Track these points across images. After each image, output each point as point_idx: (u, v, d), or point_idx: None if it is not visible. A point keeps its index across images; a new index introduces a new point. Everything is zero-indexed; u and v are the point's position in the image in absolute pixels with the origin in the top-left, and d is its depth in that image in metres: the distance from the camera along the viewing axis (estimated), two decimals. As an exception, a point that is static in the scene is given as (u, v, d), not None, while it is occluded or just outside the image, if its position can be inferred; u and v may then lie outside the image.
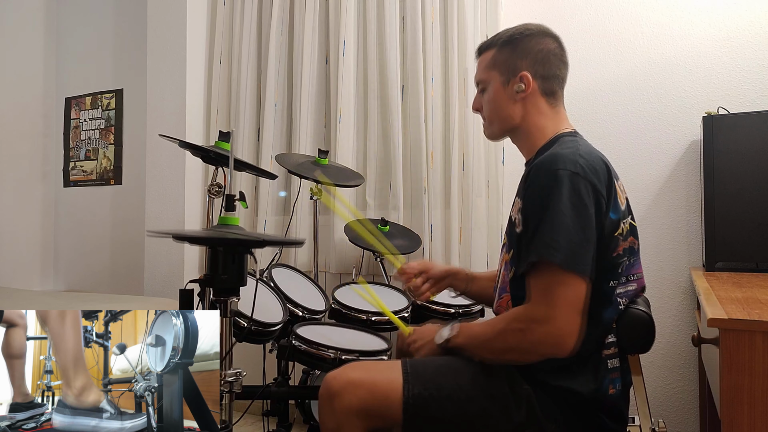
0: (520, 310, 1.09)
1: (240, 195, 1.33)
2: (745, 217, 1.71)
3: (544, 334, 1.04)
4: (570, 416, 1.11)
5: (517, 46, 1.25)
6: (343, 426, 1.11)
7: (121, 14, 3.19)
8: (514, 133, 1.29)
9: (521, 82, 1.23)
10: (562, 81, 1.27)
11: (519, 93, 1.24)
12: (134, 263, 3.03)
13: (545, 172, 1.10)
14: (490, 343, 1.13)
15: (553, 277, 1.04)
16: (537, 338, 1.04)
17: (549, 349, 1.05)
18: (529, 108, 1.25)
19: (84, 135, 3.31)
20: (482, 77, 1.30)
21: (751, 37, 2.01)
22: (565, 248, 1.03)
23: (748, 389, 0.97)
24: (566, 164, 1.09)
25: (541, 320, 1.04)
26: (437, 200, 2.32)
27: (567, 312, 1.03)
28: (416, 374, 1.15)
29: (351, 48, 2.45)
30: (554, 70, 1.25)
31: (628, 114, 2.16)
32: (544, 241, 1.05)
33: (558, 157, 1.11)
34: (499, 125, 1.29)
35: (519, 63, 1.24)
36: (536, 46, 1.24)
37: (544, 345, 1.05)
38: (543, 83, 1.24)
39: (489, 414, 1.11)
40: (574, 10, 2.26)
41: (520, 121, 1.26)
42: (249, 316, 1.48)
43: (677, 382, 2.08)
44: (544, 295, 1.05)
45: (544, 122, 1.25)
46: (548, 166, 1.10)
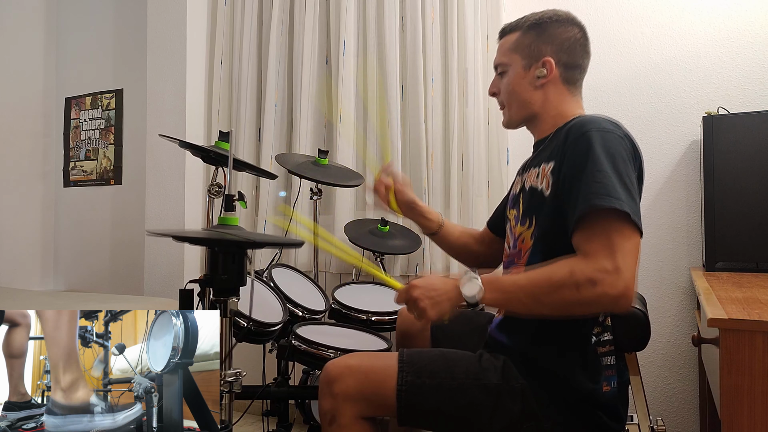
0: (582, 261, 1.01)
1: (239, 195, 1.34)
2: (745, 217, 1.71)
3: (611, 285, 0.97)
4: (566, 412, 1.12)
5: (544, 30, 1.23)
6: (339, 409, 1.13)
7: (121, 14, 3.19)
8: (531, 119, 1.27)
9: (543, 67, 1.22)
10: (583, 71, 1.26)
11: (540, 78, 1.22)
12: (134, 263, 3.03)
13: (591, 128, 1.08)
14: (541, 296, 1.04)
15: (616, 229, 1.00)
16: (605, 290, 0.98)
17: (613, 302, 0.99)
18: (549, 95, 1.23)
19: (84, 135, 3.31)
20: (503, 60, 1.28)
21: (751, 38, 2.01)
22: (625, 200, 1.01)
23: (748, 389, 0.97)
24: (608, 124, 1.09)
25: (611, 271, 0.98)
26: (437, 200, 2.32)
27: (632, 265, 1.00)
28: (411, 363, 1.16)
29: (351, 48, 2.45)
30: (578, 60, 1.24)
31: (628, 114, 2.16)
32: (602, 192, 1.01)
33: (599, 118, 1.11)
34: (516, 110, 1.27)
35: (543, 48, 1.22)
36: (563, 34, 1.23)
37: (610, 297, 0.98)
38: (565, 71, 1.23)
39: (482, 406, 1.12)
40: (575, 11, 2.20)
41: (539, 107, 1.24)
42: (248, 316, 1.48)
43: (677, 381, 2.08)
44: (609, 246, 0.99)
45: (563, 108, 1.23)
46: (594, 124, 1.09)
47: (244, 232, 1.25)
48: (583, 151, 1.06)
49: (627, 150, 1.08)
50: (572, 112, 1.23)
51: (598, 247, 1.00)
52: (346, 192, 2.45)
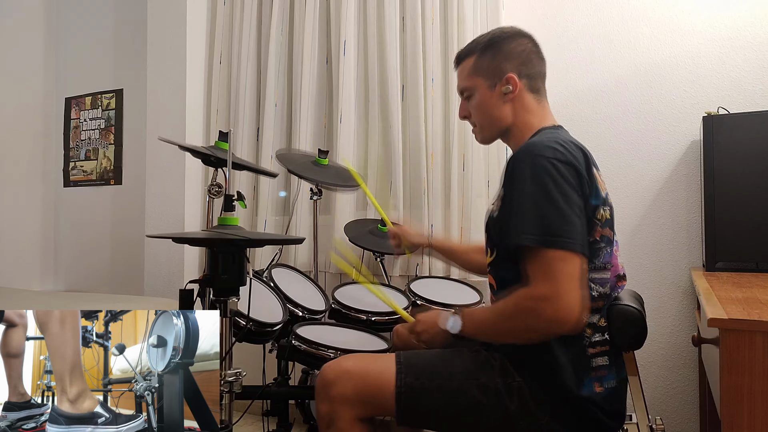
0: (523, 291, 1.09)
1: (238, 195, 1.34)
2: (745, 217, 1.71)
3: (553, 311, 1.04)
4: (563, 409, 1.13)
5: (499, 50, 1.28)
6: (336, 412, 1.15)
7: (121, 14, 3.19)
8: (505, 133, 1.32)
9: (508, 84, 1.26)
10: (543, 76, 1.32)
11: (507, 95, 1.27)
12: (134, 263, 3.03)
13: (525, 157, 1.13)
14: (499, 327, 1.14)
15: (551, 256, 1.05)
16: (547, 316, 1.04)
17: (558, 326, 1.05)
18: (517, 107, 1.28)
19: (84, 135, 3.31)
20: (466, 85, 1.33)
21: (751, 37, 2.01)
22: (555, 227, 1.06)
23: (748, 389, 0.97)
24: (545, 149, 1.12)
25: (547, 297, 1.04)
26: (437, 200, 2.32)
27: (570, 286, 1.04)
28: (409, 365, 1.18)
29: (351, 48, 2.45)
30: (537, 68, 1.29)
31: (628, 114, 2.16)
32: (533, 223, 1.07)
33: (537, 144, 1.15)
34: (490, 128, 1.33)
35: (503, 66, 1.27)
36: (517, 48, 1.28)
37: (554, 322, 1.05)
38: (528, 82, 1.28)
39: (480, 405, 1.13)
40: (575, 11, 2.26)
41: (512, 121, 1.29)
42: (248, 316, 1.48)
43: (677, 381, 2.08)
44: (545, 273, 1.06)
45: (531, 119, 1.28)
46: (528, 152, 1.13)
47: (243, 232, 1.25)
48: (519, 182, 1.12)
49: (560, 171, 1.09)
50: (538, 122, 1.28)
51: (535, 275, 1.07)
52: (346, 192, 2.45)
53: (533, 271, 1.07)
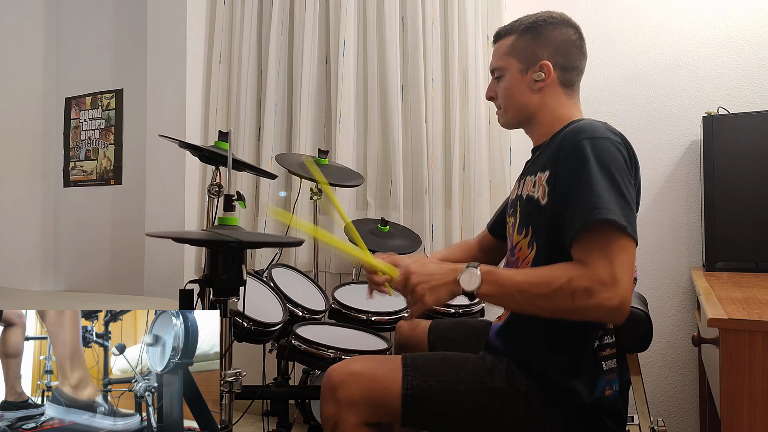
0: (580, 270, 1.00)
1: (238, 195, 1.34)
2: (745, 217, 1.71)
3: (609, 297, 0.97)
4: (569, 414, 1.12)
5: (539, 33, 1.22)
6: (342, 415, 1.12)
7: (121, 14, 3.19)
8: (528, 122, 1.27)
9: (541, 71, 1.21)
10: (580, 72, 1.25)
11: (538, 82, 1.21)
12: (134, 263, 3.03)
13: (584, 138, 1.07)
14: (533, 296, 1.03)
15: (613, 241, 0.99)
16: (601, 300, 0.97)
17: (610, 313, 0.99)
18: (546, 98, 1.22)
19: (84, 135, 3.31)
20: (499, 64, 1.27)
21: (751, 38, 2.01)
22: (621, 211, 1.00)
23: (748, 389, 0.97)
24: (605, 132, 1.07)
25: (607, 282, 0.97)
26: (438, 200, 2.32)
27: (629, 277, 0.99)
28: (416, 367, 1.15)
29: (351, 48, 2.45)
30: (574, 62, 1.23)
31: (628, 114, 2.16)
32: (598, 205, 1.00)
33: (594, 126, 1.09)
34: (514, 114, 1.27)
35: (540, 51, 1.21)
36: (559, 36, 1.21)
37: (607, 309, 0.98)
38: (562, 74, 1.21)
39: (487, 408, 1.11)
40: (575, 11, 2.24)
41: (537, 111, 1.23)
42: (248, 316, 1.48)
43: (677, 381, 2.08)
44: (607, 257, 0.98)
45: (561, 111, 1.22)
46: (587, 133, 1.07)
47: (243, 233, 1.25)
48: (577, 163, 1.05)
49: (623, 156, 1.06)
50: (569, 115, 1.22)
51: (597, 258, 0.99)
52: (346, 192, 2.45)
53: (595, 252, 1.00)
